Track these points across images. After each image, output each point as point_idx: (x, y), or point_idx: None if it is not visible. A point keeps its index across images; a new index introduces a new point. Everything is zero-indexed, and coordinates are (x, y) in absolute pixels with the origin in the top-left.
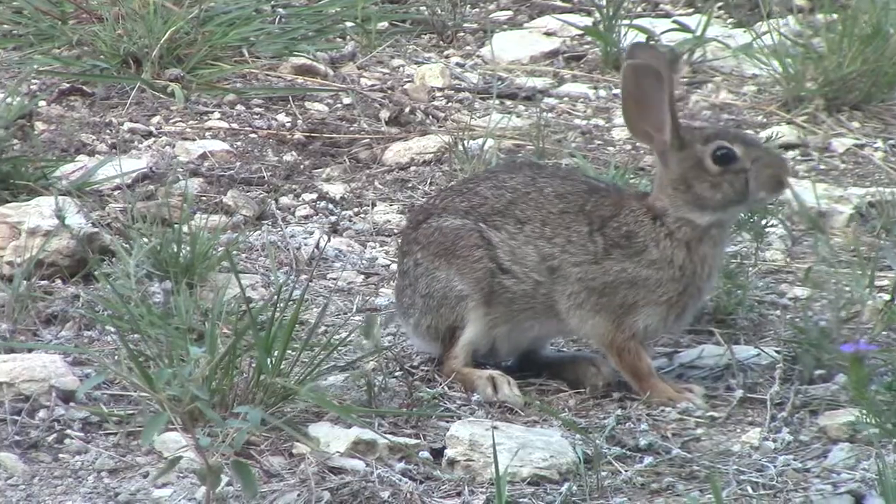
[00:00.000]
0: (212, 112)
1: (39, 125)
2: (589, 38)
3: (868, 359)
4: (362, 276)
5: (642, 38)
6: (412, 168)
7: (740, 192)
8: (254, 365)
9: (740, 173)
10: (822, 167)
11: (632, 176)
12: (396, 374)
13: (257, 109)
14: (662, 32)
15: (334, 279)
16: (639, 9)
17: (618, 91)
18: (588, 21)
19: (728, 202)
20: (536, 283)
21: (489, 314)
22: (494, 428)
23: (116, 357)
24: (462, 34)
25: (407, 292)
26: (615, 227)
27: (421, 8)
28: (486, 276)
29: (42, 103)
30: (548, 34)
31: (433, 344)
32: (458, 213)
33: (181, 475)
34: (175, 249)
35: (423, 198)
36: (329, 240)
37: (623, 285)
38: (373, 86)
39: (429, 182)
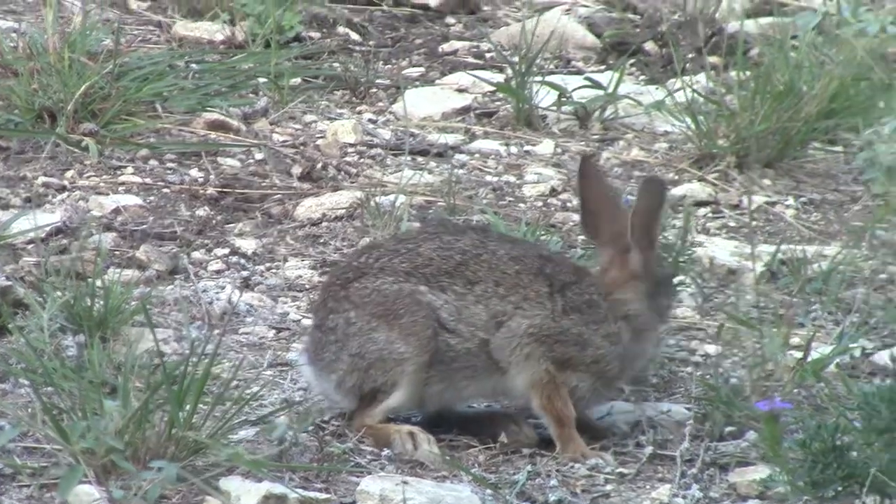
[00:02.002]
0: (125, 167)
1: None
2: (501, 95)
3: (780, 416)
4: (274, 331)
5: (554, 94)
6: (324, 224)
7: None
8: (166, 419)
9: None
10: (733, 224)
11: (542, 233)
12: (307, 428)
13: (170, 164)
14: (574, 89)
15: (246, 334)
16: (551, 66)
17: (529, 147)
18: (500, 77)
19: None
20: (483, 341)
21: (427, 373)
22: (405, 483)
23: (30, 410)
24: (374, 90)
25: (331, 348)
26: (577, 293)
27: (334, 64)
28: (432, 337)
29: None
30: (460, 91)
31: (352, 400)
32: (397, 274)
33: None
34: (88, 303)
35: (335, 253)
36: (241, 295)
37: (575, 345)
38: (285, 141)
39: (341, 238)
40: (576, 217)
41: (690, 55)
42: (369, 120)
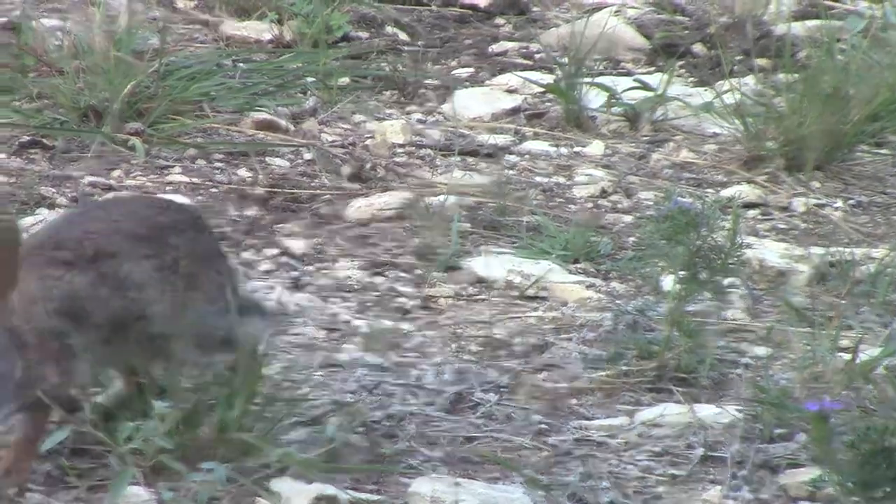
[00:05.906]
0: (172, 166)
1: None
2: (550, 96)
3: (830, 417)
4: (324, 332)
5: (604, 96)
6: (373, 224)
7: None
8: (216, 420)
9: None
10: (782, 226)
11: (592, 234)
12: (358, 429)
13: (218, 164)
14: (624, 90)
15: (296, 335)
16: (600, 67)
17: (579, 148)
18: (550, 79)
19: None
20: None
21: None
22: (457, 485)
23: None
24: (423, 91)
25: None
26: None
27: (382, 64)
28: None
29: (2, 156)
30: (509, 91)
31: None
32: None
33: None
34: None
35: (384, 254)
36: (291, 295)
37: None
38: (334, 141)
39: (390, 238)
40: (626, 218)
41: (738, 57)
42: (418, 120)
